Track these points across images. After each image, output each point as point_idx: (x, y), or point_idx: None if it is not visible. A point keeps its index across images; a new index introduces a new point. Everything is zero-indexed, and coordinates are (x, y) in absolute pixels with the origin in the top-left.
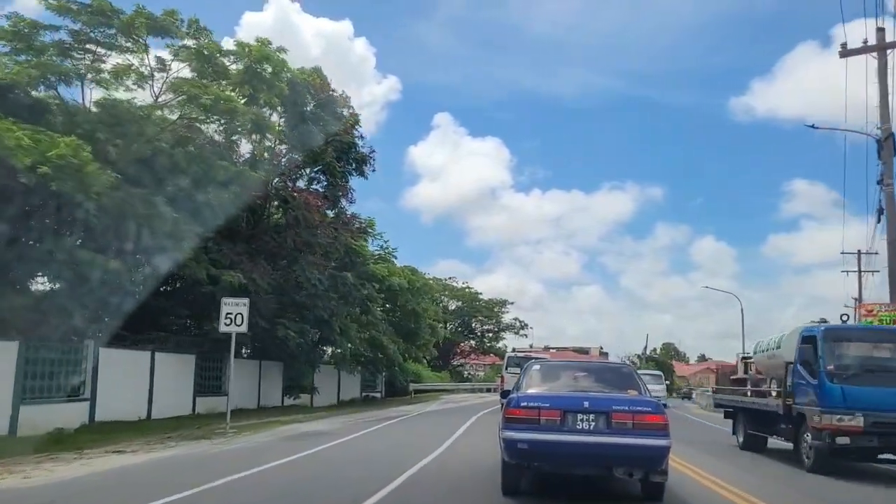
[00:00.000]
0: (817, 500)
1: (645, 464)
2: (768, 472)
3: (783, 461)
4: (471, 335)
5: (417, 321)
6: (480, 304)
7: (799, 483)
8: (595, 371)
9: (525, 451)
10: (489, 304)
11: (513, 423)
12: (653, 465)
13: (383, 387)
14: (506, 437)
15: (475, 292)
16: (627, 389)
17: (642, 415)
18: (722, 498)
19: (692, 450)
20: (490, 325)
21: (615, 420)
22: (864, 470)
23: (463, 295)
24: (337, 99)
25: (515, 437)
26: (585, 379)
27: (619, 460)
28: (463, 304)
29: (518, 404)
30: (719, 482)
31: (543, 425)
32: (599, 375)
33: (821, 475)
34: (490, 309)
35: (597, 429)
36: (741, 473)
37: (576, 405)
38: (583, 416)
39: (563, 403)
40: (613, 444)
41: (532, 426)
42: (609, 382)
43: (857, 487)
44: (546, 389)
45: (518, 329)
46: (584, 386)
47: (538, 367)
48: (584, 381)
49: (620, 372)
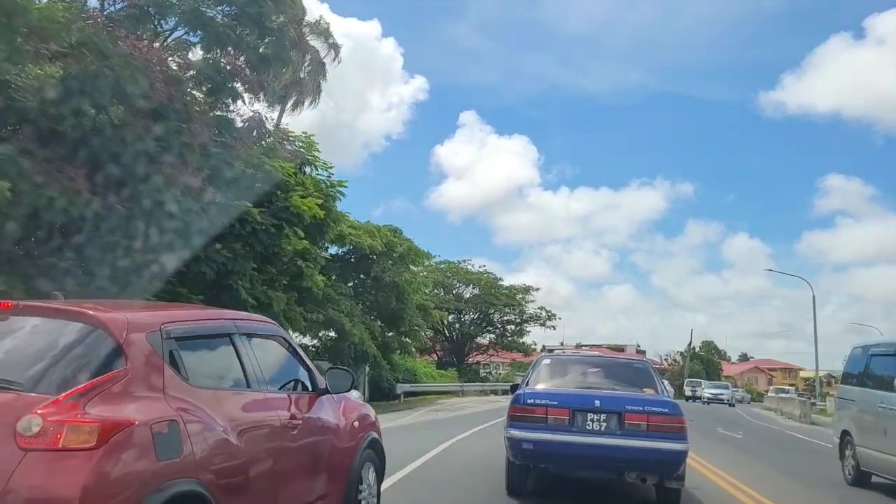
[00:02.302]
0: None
1: (660, 469)
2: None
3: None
4: (489, 327)
5: (402, 299)
6: (500, 290)
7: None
8: (608, 367)
9: (530, 451)
10: (510, 291)
11: (518, 421)
12: (668, 471)
13: (366, 388)
14: (510, 437)
15: (494, 277)
16: (643, 387)
17: (658, 416)
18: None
19: None
20: (512, 315)
21: (628, 421)
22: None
23: (479, 280)
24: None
25: (520, 437)
26: (598, 375)
27: (631, 464)
28: (480, 292)
29: (524, 401)
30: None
31: (551, 424)
32: (613, 371)
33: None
34: (511, 296)
35: (608, 430)
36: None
37: (586, 403)
38: (593, 415)
39: (572, 401)
40: (625, 448)
41: (539, 425)
42: (623, 379)
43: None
44: (555, 385)
45: (544, 320)
46: (596, 383)
47: (548, 360)
48: (596, 378)
49: (636, 368)
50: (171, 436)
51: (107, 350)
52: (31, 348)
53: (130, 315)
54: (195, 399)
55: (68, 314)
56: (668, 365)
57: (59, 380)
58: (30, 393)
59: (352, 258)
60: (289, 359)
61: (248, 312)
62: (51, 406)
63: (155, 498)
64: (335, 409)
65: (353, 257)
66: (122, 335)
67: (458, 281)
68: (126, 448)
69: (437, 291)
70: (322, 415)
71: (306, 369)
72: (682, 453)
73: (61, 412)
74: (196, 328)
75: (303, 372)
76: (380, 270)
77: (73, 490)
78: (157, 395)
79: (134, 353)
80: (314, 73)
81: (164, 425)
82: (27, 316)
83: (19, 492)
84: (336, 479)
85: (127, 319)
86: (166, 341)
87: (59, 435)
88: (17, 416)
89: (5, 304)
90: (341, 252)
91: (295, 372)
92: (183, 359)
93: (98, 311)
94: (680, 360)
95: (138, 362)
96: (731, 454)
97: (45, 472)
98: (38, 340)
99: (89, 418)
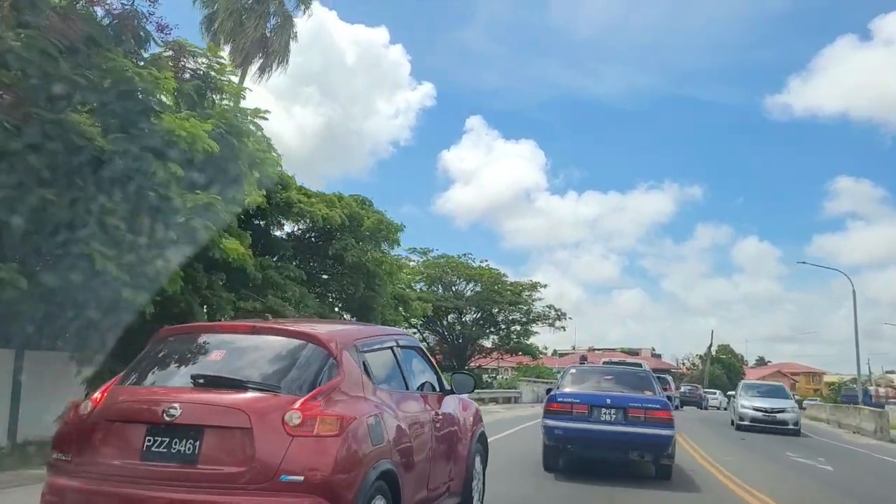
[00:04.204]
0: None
1: (654, 449)
2: None
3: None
4: (492, 328)
5: (371, 285)
6: (504, 287)
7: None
8: (619, 375)
9: (560, 435)
10: (515, 288)
11: (551, 413)
12: (661, 450)
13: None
14: (546, 425)
15: (498, 272)
16: (644, 390)
17: (652, 410)
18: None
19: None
20: (517, 314)
21: (631, 414)
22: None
23: (481, 276)
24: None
25: (553, 425)
26: (610, 381)
27: (633, 446)
28: (482, 289)
29: (556, 399)
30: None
31: (575, 416)
32: (622, 378)
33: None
34: (517, 293)
35: (616, 420)
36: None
37: (600, 401)
38: (605, 410)
39: (590, 400)
40: (629, 433)
41: (566, 416)
42: (629, 384)
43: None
44: (578, 388)
45: (553, 320)
46: (608, 387)
47: (574, 370)
48: (608, 383)
49: (639, 376)
50: (377, 427)
51: (328, 362)
52: (276, 360)
53: (336, 334)
54: (382, 398)
55: (296, 334)
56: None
57: (301, 384)
58: (287, 394)
59: (312, 236)
60: (423, 364)
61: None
62: (303, 404)
63: (372, 473)
64: (457, 406)
65: (314, 235)
66: (335, 350)
67: (457, 277)
68: (355, 435)
69: (435, 289)
70: (451, 411)
71: (434, 373)
72: (670, 437)
73: (312, 409)
74: (374, 342)
75: (431, 375)
76: (340, 249)
77: (328, 465)
78: (361, 395)
79: (345, 363)
80: (281, 29)
81: (373, 418)
82: (265, 335)
83: (294, 464)
84: (459, 465)
85: (336, 338)
86: (360, 353)
87: (314, 426)
88: (283, 411)
89: (249, 326)
90: (298, 231)
91: (427, 375)
92: (370, 367)
93: (316, 332)
94: (699, 363)
95: (348, 371)
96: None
97: (307, 451)
98: (278, 354)
99: (331, 413)
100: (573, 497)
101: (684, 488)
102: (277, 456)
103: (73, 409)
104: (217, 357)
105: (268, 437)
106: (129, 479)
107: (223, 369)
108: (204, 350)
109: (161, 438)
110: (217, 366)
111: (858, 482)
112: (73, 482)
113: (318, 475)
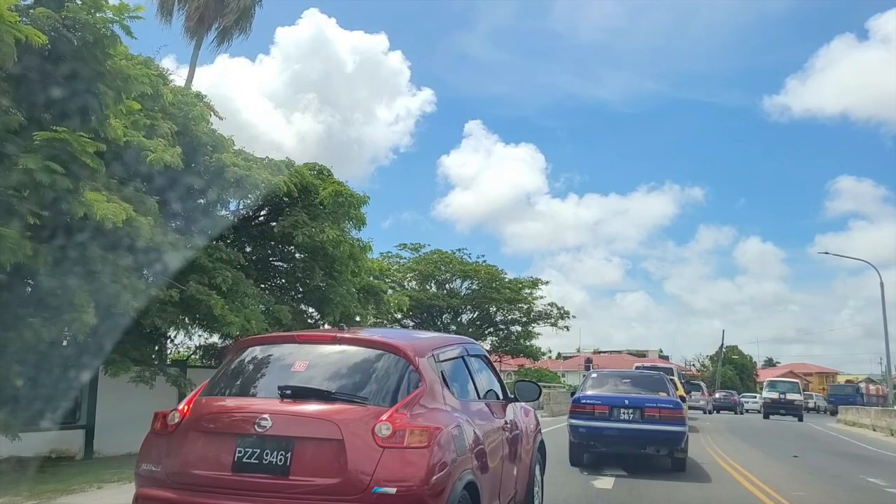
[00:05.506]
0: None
1: (669, 444)
2: None
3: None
4: (491, 329)
5: (331, 272)
6: (503, 284)
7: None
8: (635, 378)
9: (584, 433)
10: (514, 285)
11: (576, 414)
12: (675, 445)
13: None
14: (571, 424)
15: (495, 269)
16: (658, 391)
17: (667, 410)
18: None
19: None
20: (517, 313)
21: (647, 413)
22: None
23: (477, 272)
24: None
25: (577, 424)
26: (627, 384)
27: (650, 441)
28: (479, 287)
29: (579, 401)
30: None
31: (597, 416)
32: (638, 381)
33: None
34: (516, 291)
35: (634, 419)
36: None
37: (619, 402)
38: (624, 410)
39: (610, 401)
40: (646, 430)
41: (589, 416)
42: (645, 386)
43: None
44: (599, 391)
45: (556, 319)
46: (626, 389)
47: (595, 374)
48: (626, 386)
49: (654, 378)
50: (460, 437)
51: (410, 372)
52: (359, 370)
53: (414, 343)
54: (460, 407)
55: (376, 343)
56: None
57: (385, 395)
58: (373, 405)
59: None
60: (489, 372)
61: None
62: (392, 416)
63: (458, 484)
64: (520, 414)
65: (262, 213)
66: (416, 361)
67: (451, 274)
68: (442, 446)
69: (428, 286)
70: (515, 419)
71: (498, 380)
72: (683, 433)
73: (400, 420)
74: (448, 351)
75: (496, 383)
76: (289, 227)
77: (419, 477)
78: (441, 405)
79: (425, 373)
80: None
81: (456, 429)
82: (345, 345)
83: (386, 476)
84: (523, 472)
85: (416, 348)
86: (438, 363)
87: (403, 437)
88: (372, 423)
89: (330, 336)
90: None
91: (491, 383)
92: (446, 376)
93: (395, 341)
94: (710, 365)
95: (428, 381)
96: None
97: (399, 463)
98: (360, 364)
99: (419, 424)
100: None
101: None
102: (369, 468)
103: (160, 420)
104: (300, 367)
105: (359, 449)
106: (221, 490)
107: (309, 380)
108: (286, 360)
109: (252, 450)
110: (302, 376)
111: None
112: (164, 493)
113: (409, 487)
